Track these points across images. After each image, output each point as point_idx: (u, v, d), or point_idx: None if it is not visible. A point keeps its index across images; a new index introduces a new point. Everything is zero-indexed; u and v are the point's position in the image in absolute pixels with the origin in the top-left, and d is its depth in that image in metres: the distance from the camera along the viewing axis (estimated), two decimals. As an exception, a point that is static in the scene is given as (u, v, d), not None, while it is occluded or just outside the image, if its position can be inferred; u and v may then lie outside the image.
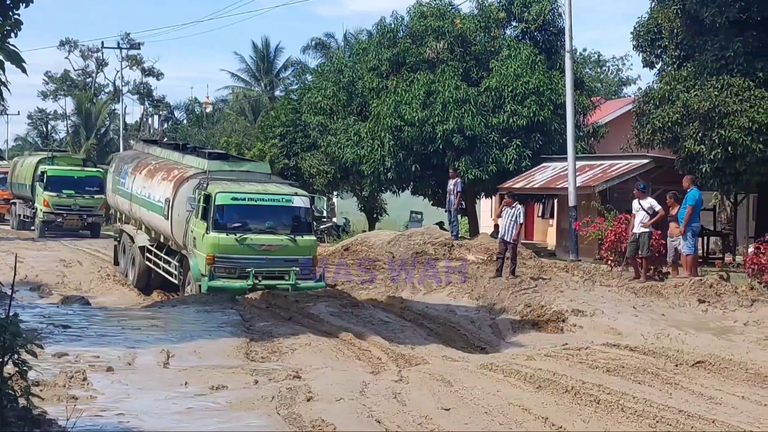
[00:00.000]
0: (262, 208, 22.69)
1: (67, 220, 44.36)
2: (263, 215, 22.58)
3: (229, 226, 22.01)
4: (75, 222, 44.78)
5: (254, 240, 21.91)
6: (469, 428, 9.93)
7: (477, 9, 37.63)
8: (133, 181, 28.81)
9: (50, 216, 44.09)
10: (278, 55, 78.30)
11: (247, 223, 22.24)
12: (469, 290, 22.58)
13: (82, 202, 44.74)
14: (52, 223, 44.38)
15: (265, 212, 22.66)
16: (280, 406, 10.61)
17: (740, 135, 24.45)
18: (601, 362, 13.35)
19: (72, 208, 44.36)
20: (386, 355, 14.63)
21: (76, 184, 45.15)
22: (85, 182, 45.51)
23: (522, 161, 32.94)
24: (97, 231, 45.88)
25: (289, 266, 21.82)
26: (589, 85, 41.18)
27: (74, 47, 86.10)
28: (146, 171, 28.01)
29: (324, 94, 38.46)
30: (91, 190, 45.10)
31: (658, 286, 21.00)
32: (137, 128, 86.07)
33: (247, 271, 21.49)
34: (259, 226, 22.26)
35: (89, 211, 45.09)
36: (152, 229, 26.79)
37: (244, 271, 21.60)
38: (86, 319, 17.71)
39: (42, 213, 44.24)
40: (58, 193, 44.14)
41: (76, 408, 9.49)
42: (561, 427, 9.88)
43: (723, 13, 25.80)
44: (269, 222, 22.52)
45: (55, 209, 44.01)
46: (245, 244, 21.76)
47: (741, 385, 12.24)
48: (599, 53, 69.69)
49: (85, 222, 45.29)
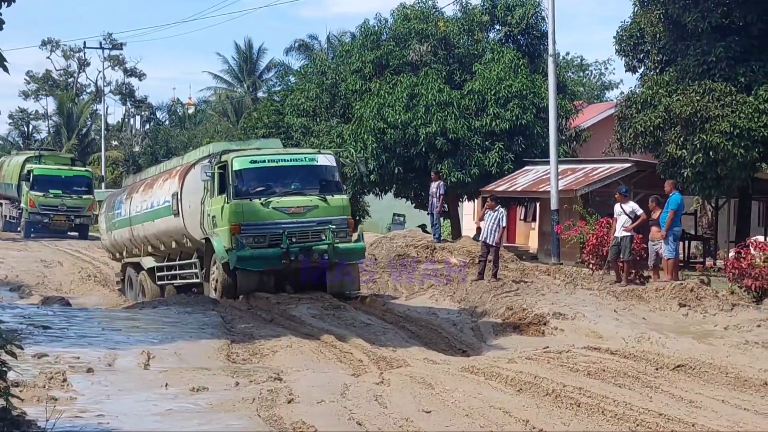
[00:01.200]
0: (284, 169, 21.21)
1: (53, 221, 43.41)
2: (287, 177, 21.10)
3: (251, 191, 20.51)
4: (62, 223, 43.80)
5: (281, 203, 20.43)
6: (449, 431, 9.92)
7: (460, 12, 37.73)
8: (130, 203, 27.19)
9: (36, 217, 43.16)
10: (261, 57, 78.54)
11: (270, 187, 20.76)
12: (451, 293, 22.58)
13: (69, 203, 43.78)
14: (38, 224, 43.43)
15: (288, 173, 21.17)
16: (261, 408, 10.58)
17: (722, 140, 24.54)
18: (581, 365, 13.36)
19: (59, 209, 43.40)
20: (367, 358, 14.60)
21: (63, 184, 44.10)
22: (72, 182, 44.56)
23: (504, 164, 32.98)
24: (86, 232, 44.79)
25: (323, 228, 20.44)
26: (572, 89, 41.25)
27: (56, 47, 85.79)
28: (143, 187, 26.66)
29: (307, 95, 38.43)
30: (80, 190, 44.30)
31: (639, 290, 21.05)
32: (119, 129, 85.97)
33: (278, 236, 19.99)
34: (284, 189, 20.82)
35: (77, 212, 44.09)
36: (160, 242, 24.97)
37: (273, 240, 20.11)
38: (66, 320, 17.62)
39: (28, 213, 43.31)
40: (45, 192, 43.17)
41: (55, 409, 9.44)
42: (541, 430, 9.88)
43: (705, 18, 25.91)
44: (295, 183, 21.00)
45: (42, 209, 43.10)
46: (272, 207, 20.28)
47: (721, 389, 12.26)
48: (582, 57, 69.86)
49: (73, 223, 44.25)
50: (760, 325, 17.54)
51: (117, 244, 28.97)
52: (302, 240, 20.23)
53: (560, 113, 32.88)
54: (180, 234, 23.19)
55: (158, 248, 25.32)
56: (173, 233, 23.70)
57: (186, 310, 19.30)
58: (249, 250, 19.73)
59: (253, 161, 20.81)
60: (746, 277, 20.39)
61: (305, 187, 20.96)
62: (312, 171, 21.35)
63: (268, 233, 20.10)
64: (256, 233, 20.08)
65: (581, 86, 62.38)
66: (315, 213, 20.56)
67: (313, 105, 38.16)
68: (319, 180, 21.32)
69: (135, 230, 26.54)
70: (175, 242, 23.87)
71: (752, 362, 14.16)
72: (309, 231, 20.39)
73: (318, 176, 21.37)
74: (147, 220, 25.36)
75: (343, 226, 20.85)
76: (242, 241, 19.78)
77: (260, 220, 20.20)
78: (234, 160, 20.56)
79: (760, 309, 19.27)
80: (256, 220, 20.17)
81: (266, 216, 20.19)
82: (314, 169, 21.36)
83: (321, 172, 21.40)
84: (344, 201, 21.25)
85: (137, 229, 26.32)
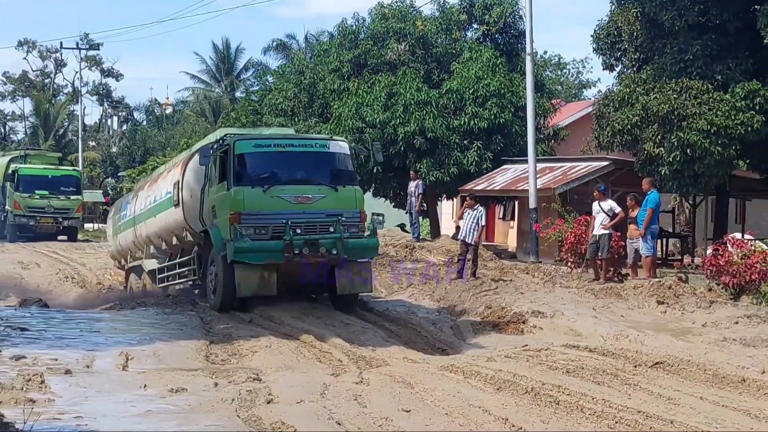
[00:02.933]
0: (292, 155, 19.19)
1: (40, 224, 41.28)
2: (295, 164, 19.19)
3: (254, 178, 18.56)
4: (49, 225, 41.70)
5: (286, 191, 18.43)
6: (429, 429, 9.93)
7: (438, 11, 37.80)
8: (135, 202, 25.83)
9: (22, 219, 41.03)
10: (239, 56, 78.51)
11: (275, 174, 18.81)
12: (431, 292, 22.58)
13: (57, 204, 41.62)
14: (24, 227, 41.19)
15: (296, 160, 19.21)
16: (240, 409, 10.56)
17: (699, 137, 24.64)
18: (560, 363, 13.38)
19: (46, 210, 41.32)
20: (347, 357, 14.61)
21: (50, 184, 41.95)
22: (60, 182, 42.42)
23: (483, 163, 33.00)
24: (75, 235, 42.90)
25: (332, 220, 18.50)
26: (550, 88, 41.39)
27: (32, 48, 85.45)
28: (149, 184, 25.38)
29: (285, 95, 38.32)
30: (67, 191, 42.25)
31: (618, 288, 21.10)
32: (96, 129, 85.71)
33: (281, 227, 18.06)
34: (290, 177, 18.90)
35: (65, 214, 42.00)
36: (162, 239, 23.30)
37: (276, 231, 18.14)
38: (44, 322, 17.55)
39: (13, 216, 41.14)
40: (30, 193, 41.17)
41: (33, 411, 9.41)
42: (521, 428, 9.90)
43: (682, 17, 26.04)
44: (303, 170, 19.15)
45: (28, 211, 41.00)
46: (275, 196, 18.28)
47: (699, 386, 12.31)
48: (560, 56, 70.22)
49: (61, 225, 42.10)
50: (737, 322, 17.63)
51: (122, 249, 27.65)
52: (308, 232, 18.31)
53: (538, 112, 32.95)
54: (180, 228, 21.53)
55: (160, 247, 23.77)
56: (174, 227, 22.05)
57: (164, 311, 19.25)
58: (248, 242, 17.91)
59: (258, 145, 19.06)
60: (724, 275, 20.47)
61: (314, 176, 19.16)
62: (322, 158, 19.45)
63: (271, 224, 18.18)
64: (257, 223, 18.18)
65: (559, 85, 62.65)
66: (323, 203, 18.63)
67: (291, 105, 38.07)
68: (330, 168, 19.42)
69: (138, 230, 25.23)
70: (176, 237, 22.19)
71: (730, 359, 14.22)
72: (316, 223, 18.45)
73: (329, 164, 19.46)
74: (150, 217, 23.91)
75: (355, 220, 18.94)
76: (241, 232, 17.95)
77: (262, 209, 18.26)
78: (236, 143, 18.78)
79: (738, 306, 19.36)
80: (258, 209, 18.25)
81: (269, 205, 18.26)
82: (325, 157, 19.45)
83: (332, 160, 19.49)
84: (357, 192, 19.33)
85: (140, 228, 25.00)
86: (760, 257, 20.49)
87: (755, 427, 10.37)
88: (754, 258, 20.38)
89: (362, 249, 18.94)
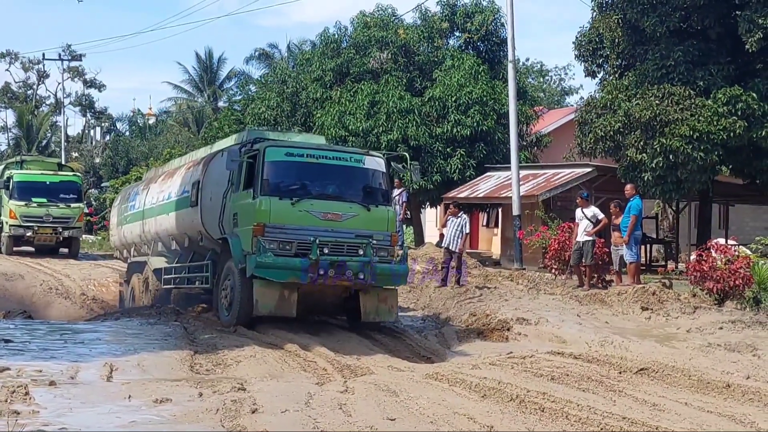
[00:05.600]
0: (324, 167, 17.93)
1: (38, 234, 38.05)
2: (326, 177, 17.99)
3: (282, 189, 17.40)
4: (48, 236, 38.39)
5: (315, 206, 17.28)
6: (414, 438, 9.92)
7: (420, 19, 37.92)
8: (146, 195, 24.57)
9: (18, 230, 37.76)
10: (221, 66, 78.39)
11: (305, 186, 17.71)
12: (415, 300, 22.59)
13: (56, 213, 38.12)
14: (21, 238, 38.15)
15: (328, 173, 18.00)
16: (225, 419, 10.52)
17: (681, 143, 24.74)
18: (545, 370, 13.39)
19: (44, 220, 37.91)
20: (332, 366, 14.57)
21: (48, 192, 38.44)
22: (59, 189, 38.93)
23: (466, 171, 33.08)
24: (77, 248, 39.68)
25: (362, 242, 17.38)
26: (532, 95, 41.55)
27: (15, 59, 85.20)
28: (163, 177, 24.02)
29: (268, 104, 38.33)
30: (68, 198, 38.83)
31: (602, 294, 21.14)
32: (79, 140, 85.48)
33: (307, 245, 16.90)
34: (321, 191, 17.77)
35: (65, 223, 38.51)
36: (172, 239, 22.15)
37: (302, 248, 16.95)
38: (28, 333, 17.47)
39: (8, 226, 37.88)
40: (27, 201, 37.74)
41: (18, 422, 9.37)
42: (506, 436, 9.90)
43: (663, 23, 26.17)
44: (334, 185, 17.96)
45: (24, 221, 37.68)
46: (304, 210, 17.17)
47: (684, 392, 12.33)
48: (542, 63, 70.29)
49: (60, 236, 38.71)
50: (722, 328, 17.66)
51: (126, 241, 26.58)
52: (335, 252, 17.16)
53: (521, 119, 33.04)
54: (195, 231, 20.33)
55: (169, 247, 22.58)
56: (188, 229, 20.85)
57: (149, 321, 19.16)
58: (271, 257, 16.78)
59: (289, 153, 17.79)
60: (708, 280, 20.51)
61: (346, 192, 17.95)
62: (356, 174, 18.19)
63: (296, 240, 17.03)
64: (282, 238, 17.03)
65: (541, 92, 62.84)
66: (354, 223, 17.50)
67: (273, 114, 38.06)
68: (364, 185, 18.22)
69: (147, 224, 24.03)
70: (189, 239, 21.12)
71: (714, 365, 14.26)
72: (344, 243, 17.30)
73: (363, 181, 18.24)
74: (162, 213, 22.66)
75: (386, 243, 17.82)
76: (264, 245, 16.80)
77: (289, 223, 17.13)
78: (267, 149, 17.57)
79: (722, 311, 19.39)
80: (284, 222, 17.11)
81: (296, 219, 17.14)
82: (359, 172, 18.19)
83: (367, 177, 18.25)
84: (390, 213, 18.16)
85: (149, 223, 23.80)
86: (743, 262, 20.56)
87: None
88: (738, 263, 20.45)
89: (391, 275, 17.80)
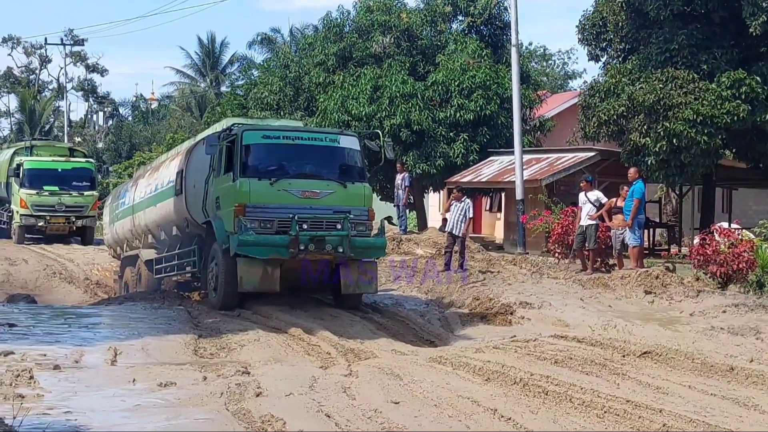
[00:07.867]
0: (301, 148, 18.70)
1: (50, 224, 36.79)
2: (303, 157, 18.67)
3: (261, 170, 18.13)
4: (61, 225, 37.11)
5: (293, 185, 18.03)
6: (418, 421, 9.93)
7: (423, 3, 37.80)
8: (135, 190, 25.21)
9: (30, 219, 36.43)
10: (224, 51, 78.17)
11: (283, 167, 18.41)
12: (418, 284, 22.58)
13: (68, 201, 36.85)
14: (33, 227, 36.86)
15: (305, 153, 18.69)
16: (229, 402, 10.55)
17: (685, 127, 24.71)
18: (549, 354, 13.41)
19: (56, 209, 36.59)
20: (335, 350, 14.60)
21: (60, 179, 37.25)
22: (72, 176, 37.71)
23: (469, 155, 33.03)
24: (91, 237, 38.03)
25: (340, 217, 18.04)
26: (535, 79, 41.41)
27: (17, 44, 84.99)
28: (149, 172, 24.78)
29: (270, 89, 38.28)
30: (80, 186, 37.60)
31: (605, 278, 21.12)
32: (82, 125, 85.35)
33: (287, 222, 17.58)
34: (298, 170, 18.45)
35: (78, 212, 37.18)
36: (161, 229, 22.82)
37: (282, 225, 17.67)
38: (32, 318, 17.54)
39: (19, 216, 36.59)
40: (39, 190, 36.46)
41: (22, 407, 9.40)
42: (510, 419, 9.91)
43: (667, 6, 26.11)
44: (311, 164, 18.63)
45: (35, 210, 36.40)
46: (282, 189, 17.89)
47: (687, 375, 12.35)
48: (545, 47, 70.24)
49: (74, 225, 37.35)
50: (725, 311, 17.65)
51: (118, 237, 27.02)
52: (314, 228, 17.84)
53: (524, 103, 32.96)
54: (181, 218, 21.08)
55: (159, 238, 23.21)
56: (175, 217, 21.55)
57: (152, 306, 19.24)
58: (253, 235, 17.43)
59: (266, 136, 18.59)
60: (711, 264, 20.48)
61: (323, 170, 18.64)
62: (332, 153, 19.00)
63: (276, 218, 17.75)
64: (262, 217, 17.74)
65: (545, 76, 62.69)
66: (331, 199, 18.21)
67: (276, 98, 38.02)
68: (340, 164, 19.05)
69: (137, 218, 24.65)
70: (176, 228, 21.77)
71: (718, 348, 14.27)
72: (323, 219, 18.03)
73: (338, 159, 19.08)
74: (150, 206, 23.34)
75: (363, 218, 18.50)
76: (246, 224, 17.47)
77: (268, 202, 17.85)
78: (244, 133, 18.33)
79: (725, 295, 19.38)
80: (263, 202, 17.83)
81: (275, 198, 17.85)
82: (335, 151, 19.01)
83: (342, 155, 19.09)
84: (366, 189, 19.02)
85: (139, 217, 24.43)
86: (747, 246, 20.53)
87: (744, 415, 10.40)
88: (741, 247, 20.41)
89: (369, 248, 18.45)
